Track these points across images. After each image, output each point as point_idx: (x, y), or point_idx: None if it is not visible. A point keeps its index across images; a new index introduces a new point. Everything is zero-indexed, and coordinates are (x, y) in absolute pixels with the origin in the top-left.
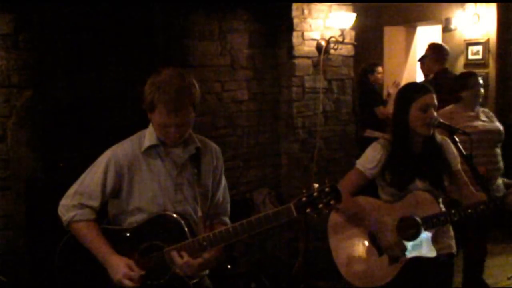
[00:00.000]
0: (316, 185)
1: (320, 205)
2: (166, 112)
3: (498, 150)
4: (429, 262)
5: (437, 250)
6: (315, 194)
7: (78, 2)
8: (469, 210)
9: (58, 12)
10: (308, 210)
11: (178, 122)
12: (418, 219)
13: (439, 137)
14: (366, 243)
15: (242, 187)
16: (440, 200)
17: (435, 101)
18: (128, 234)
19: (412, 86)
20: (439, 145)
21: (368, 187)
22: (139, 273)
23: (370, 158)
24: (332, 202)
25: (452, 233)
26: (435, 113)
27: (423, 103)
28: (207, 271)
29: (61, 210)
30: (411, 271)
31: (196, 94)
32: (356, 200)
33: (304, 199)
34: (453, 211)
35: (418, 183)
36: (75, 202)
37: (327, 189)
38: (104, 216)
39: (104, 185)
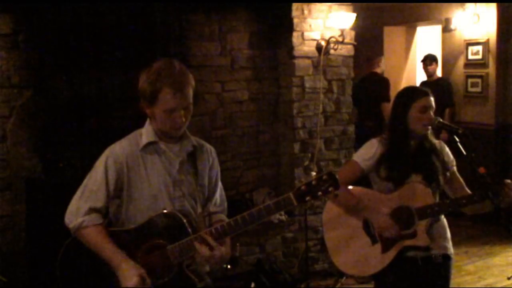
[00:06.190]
0: (314, 174)
1: (319, 193)
2: (172, 93)
3: None
4: (424, 263)
5: (432, 249)
6: (313, 182)
7: (78, 2)
8: (464, 201)
9: (58, 12)
10: (307, 198)
11: (183, 103)
12: (412, 208)
13: (434, 140)
14: (360, 232)
15: (242, 187)
16: (437, 192)
17: (433, 104)
18: (130, 234)
19: (411, 89)
20: (434, 145)
21: (362, 181)
22: (149, 286)
23: (367, 151)
24: (330, 189)
25: (448, 235)
26: (433, 115)
27: (422, 105)
28: (207, 269)
29: (68, 217)
30: (405, 271)
31: (192, 77)
32: (352, 190)
33: (303, 187)
34: (447, 201)
35: (414, 177)
36: (82, 208)
37: (324, 177)
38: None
39: (106, 183)
